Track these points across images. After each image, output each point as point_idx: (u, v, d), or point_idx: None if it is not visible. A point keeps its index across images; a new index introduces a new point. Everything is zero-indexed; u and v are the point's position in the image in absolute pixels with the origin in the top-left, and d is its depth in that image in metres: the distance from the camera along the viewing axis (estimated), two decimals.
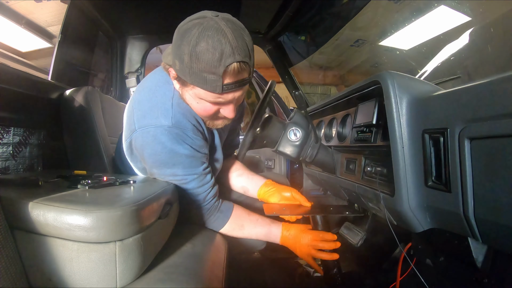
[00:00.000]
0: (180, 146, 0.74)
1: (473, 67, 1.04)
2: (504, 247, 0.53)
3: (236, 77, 0.66)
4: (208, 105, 0.72)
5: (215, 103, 0.72)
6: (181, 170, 0.77)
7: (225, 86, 0.66)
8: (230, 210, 0.90)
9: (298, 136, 0.99)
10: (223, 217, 0.89)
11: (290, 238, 0.92)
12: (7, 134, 0.86)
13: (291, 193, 1.01)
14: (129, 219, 0.50)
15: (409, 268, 0.90)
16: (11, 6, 2.46)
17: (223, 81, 0.65)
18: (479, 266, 0.63)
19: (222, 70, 0.62)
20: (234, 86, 0.67)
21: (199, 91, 0.69)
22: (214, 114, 0.76)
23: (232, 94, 0.70)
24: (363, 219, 1.49)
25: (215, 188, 0.87)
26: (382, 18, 2.55)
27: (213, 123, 0.81)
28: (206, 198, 0.84)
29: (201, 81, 0.65)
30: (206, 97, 0.70)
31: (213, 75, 0.63)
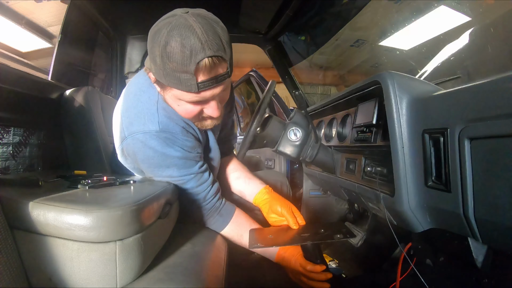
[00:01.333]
0: (171, 148, 0.73)
1: (473, 67, 1.04)
2: (504, 247, 0.53)
3: (210, 73, 0.63)
4: (189, 106, 0.70)
5: (195, 103, 0.69)
6: (176, 171, 0.77)
7: (200, 84, 0.62)
8: (230, 216, 0.89)
9: (298, 136, 0.99)
10: (222, 221, 0.88)
11: (285, 258, 0.88)
12: (7, 134, 0.86)
13: (282, 209, 0.92)
14: (129, 219, 0.50)
15: (409, 268, 0.90)
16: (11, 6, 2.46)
17: (197, 79, 0.62)
18: (479, 266, 0.63)
19: (194, 67, 0.59)
20: (210, 83, 0.64)
21: (176, 92, 0.66)
22: (198, 114, 0.73)
23: (210, 92, 0.66)
24: (363, 219, 1.50)
25: (215, 186, 0.86)
26: (382, 18, 2.55)
27: (202, 124, 0.79)
28: (206, 197, 0.83)
29: (176, 82, 0.63)
30: (185, 98, 0.67)
31: (185, 73, 0.60)
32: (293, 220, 0.91)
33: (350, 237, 0.83)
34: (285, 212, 0.92)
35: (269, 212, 0.97)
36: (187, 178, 0.79)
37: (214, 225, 0.88)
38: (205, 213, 0.85)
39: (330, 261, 1.35)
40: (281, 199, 0.97)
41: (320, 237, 0.83)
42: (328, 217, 1.67)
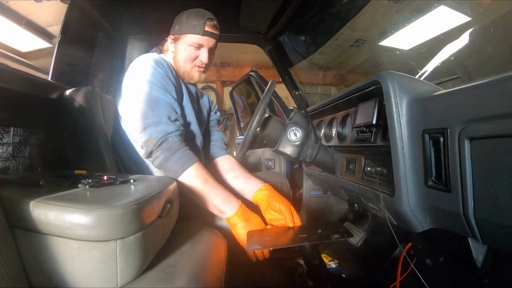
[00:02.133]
0: (160, 69, 0.94)
1: (473, 67, 1.04)
2: (504, 247, 0.53)
3: (211, 28, 1.02)
4: (191, 50, 1.03)
5: (196, 47, 1.03)
6: (156, 91, 0.91)
7: (205, 31, 1.01)
8: (196, 157, 0.90)
9: (298, 136, 0.99)
10: (190, 157, 0.87)
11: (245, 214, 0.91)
12: (7, 134, 0.86)
13: (280, 206, 0.95)
14: (130, 218, 0.50)
15: (409, 268, 0.91)
16: (11, 6, 2.46)
17: (204, 27, 1.01)
18: (479, 266, 0.64)
19: (204, 21, 1.01)
20: (210, 34, 1.02)
21: (188, 37, 1.02)
22: (194, 59, 1.05)
23: (207, 40, 1.03)
24: (363, 219, 1.50)
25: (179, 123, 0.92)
26: (382, 18, 2.56)
27: (190, 75, 1.07)
28: (170, 116, 0.89)
29: (191, 29, 1.01)
30: (192, 40, 1.02)
31: (198, 23, 1.00)
32: (290, 217, 0.93)
33: (348, 237, 0.83)
34: (283, 209, 0.94)
35: (267, 208, 0.98)
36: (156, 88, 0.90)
37: (181, 160, 0.86)
38: (170, 138, 0.87)
39: (330, 261, 1.35)
40: (280, 197, 0.99)
41: (317, 237, 0.83)
42: (328, 217, 1.67)
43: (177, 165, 0.86)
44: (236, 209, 0.89)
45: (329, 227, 0.89)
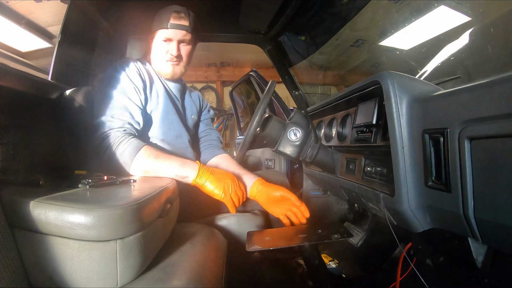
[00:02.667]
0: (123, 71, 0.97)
1: (473, 67, 1.04)
2: (504, 247, 0.53)
3: (178, 20, 1.02)
4: (163, 44, 1.04)
5: (165, 40, 1.03)
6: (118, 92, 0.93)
7: (170, 23, 1.01)
8: (142, 143, 0.89)
9: (298, 136, 0.99)
10: (135, 145, 0.87)
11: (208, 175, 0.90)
12: (7, 134, 0.86)
13: (280, 192, 0.96)
14: (130, 218, 0.50)
15: (409, 268, 0.91)
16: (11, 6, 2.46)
17: (169, 20, 1.01)
18: (479, 266, 0.64)
19: (169, 14, 1.02)
20: (175, 26, 1.01)
21: (159, 33, 1.04)
22: (165, 52, 1.05)
23: (175, 32, 1.02)
24: (363, 219, 1.50)
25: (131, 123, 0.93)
26: (382, 18, 2.55)
27: (164, 70, 1.07)
28: (114, 114, 0.89)
29: (159, 24, 1.03)
30: (162, 35, 1.03)
31: (165, 17, 1.02)
32: (295, 197, 0.96)
33: (347, 237, 0.83)
34: (285, 193, 0.96)
35: (269, 202, 0.98)
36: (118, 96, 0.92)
37: (129, 148, 0.85)
38: (118, 133, 0.87)
39: (330, 261, 1.35)
40: (275, 186, 0.99)
41: (317, 237, 0.83)
42: (328, 217, 1.67)
43: (125, 157, 0.85)
44: (197, 168, 0.88)
45: (329, 227, 0.88)
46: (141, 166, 0.85)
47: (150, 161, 0.85)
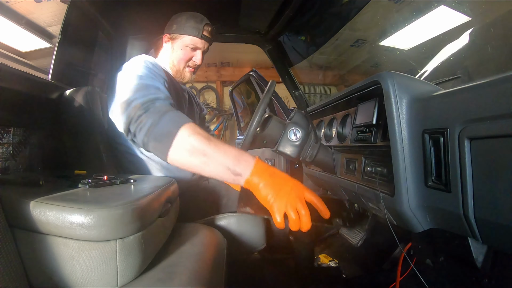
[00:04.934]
0: (148, 71, 0.90)
1: (473, 67, 1.04)
2: (504, 247, 0.53)
3: (208, 32, 1.09)
4: (188, 51, 1.09)
5: (192, 48, 1.09)
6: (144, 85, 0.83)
7: (203, 35, 1.08)
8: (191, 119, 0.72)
9: (298, 136, 0.99)
10: (184, 117, 0.71)
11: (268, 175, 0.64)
12: (7, 134, 0.86)
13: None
14: (129, 218, 0.50)
15: (409, 268, 0.91)
16: (11, 6, 2.46)
17: (203, 32, 1.08)
18: (479, 266, 0.64)
19: (203, 25, 1.08)
20: (206, 38, 1.09)
21: (186, 38, 1.08)
22: (188, 60, 1.11)
23: (203, 43, 1.10)
24: (363, 219, 1.50)
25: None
26: (382, 18, 2.55)
27: (182, 74, 1.13)
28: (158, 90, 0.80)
29: (189, 30, 1.07)
30: (189, 41, 1.08)
31: (197, 26, 1.07)
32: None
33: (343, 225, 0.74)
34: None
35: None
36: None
37: (170, 122, 0.69)
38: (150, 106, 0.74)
39: (330, 261, 1.35)
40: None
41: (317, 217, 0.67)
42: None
43: (170, 125, 0.68)
44: (253, 164, 0.64)
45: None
46: (187, 142, 0.66)
47: (199, 140, 0.65)
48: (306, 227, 0.60)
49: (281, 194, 0.61)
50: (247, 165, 0.64)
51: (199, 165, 0.65)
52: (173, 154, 0.66)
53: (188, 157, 0.66)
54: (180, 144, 0.66)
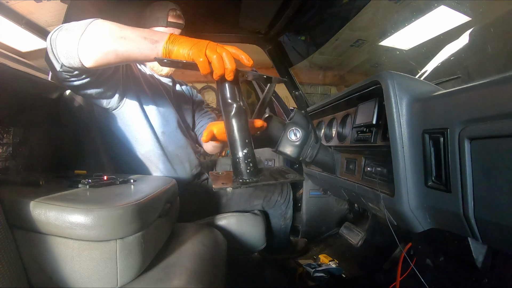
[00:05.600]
0: None
1: (473, 67, 1.04)
2: (504, 247, 0.53)
3: (175, 19, 1.02)
4: None
5: None
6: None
7: (169, 22, 1.01)
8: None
9: (298, 136, 0.99)
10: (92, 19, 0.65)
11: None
12: (7, 134, 0.86)
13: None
14: (129, 218, 0.50)
15: (409, 268, 0.91)
16: (11, 6, 2.46)
17: (167, 19, 1.01)
18: (479, 266, 0.64)
19: (167, 12, 1.01)
20: (174, 24, 1.02)
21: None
22: None
23: (173, 31, 1.02)
24: (363, 219, 1.50)
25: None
26: (382, 18, 2.55)
27: (159, 67, 1.09)
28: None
29: (154, 21, 1.02)
30: None
31: (161, 14, 1.01)
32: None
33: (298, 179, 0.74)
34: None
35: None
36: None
37: (79, 23, 0.64)
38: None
39: (330, 261, 1.35)
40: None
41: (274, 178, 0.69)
42: (328, 217, 1.67)
43: (81, 23, 0.64)
44: (168, 34, 0.63)
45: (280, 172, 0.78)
46: (102, 27, 0.63)
47: (115, 24, 0.64)
48: (231, 65, 0.58)
49: (199, 44, 0.59)
50: (163, 35, 0.63)
51: (115, 44, 0.62)
52: (86, 39, 0.62)
53: (103, 38, 0.62)
54: (94, 28, 0.63)
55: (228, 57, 0.58)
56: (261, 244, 1.04)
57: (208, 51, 0.57)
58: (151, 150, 1.01)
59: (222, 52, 0.58)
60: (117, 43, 0.62)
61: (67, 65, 0.65)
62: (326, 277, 1.24)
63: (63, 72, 0.68)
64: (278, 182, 0.69)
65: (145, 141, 1.00)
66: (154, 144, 1.01)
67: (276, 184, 0.78)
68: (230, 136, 0.63)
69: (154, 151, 1.01)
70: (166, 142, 1.04)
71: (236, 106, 0.63)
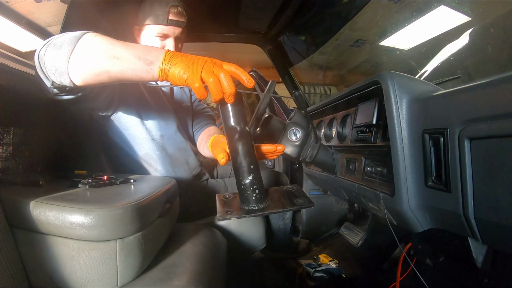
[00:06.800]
0: None
1: (473, 67, 1.04)
2: (504, 247, 0.53)
3: (176, 16, 0.96)
4: (157, 40, 0.98)
5: (161, 36, 0.98)
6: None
7: (169, 20, 0.95)
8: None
9: (298, 136, 0.99)
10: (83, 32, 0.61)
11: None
12: (7, 134, 0.86)
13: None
14: (129, 218, 0.50)
15: (409, 268, 0.91)
16: (11, 6, 2.46)
17: (168, 16, 0.95)
18: (479, 266, 0.64)
19: (167, 9, 0.95)
20: (175, 23, 0.96)
21: (152, 28, 0.97)
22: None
23: (173, 29, 0.97)
24: (363, 219, 1.50)
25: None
26: (382, 18, 2.55)
27: None
28: None
29: (154, 19, 0.96)
30: (156, 31, 0.97)
31: (161, 11, 0.95)
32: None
33: (308, 206, 0.65)
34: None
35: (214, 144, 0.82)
36: None
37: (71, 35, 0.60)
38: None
39: (330, 261, 1.35)
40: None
41: (283, 205, 0.65)
42: (328, 217, 1.67)
43: (75, 34, 0.60)
44: (164, 52, 0.57)
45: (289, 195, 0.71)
46: (93, 43, 0.59)
47: (107, 39, 0.60)
48: (230, 89, 0.52)
49: (194, 65, 0.53)
50: (158, 53, 0.57)
51: (108, 63, 0.57)
52: (76, 57, 0.57)
53: (95, 57, 0.57)
54: (84, 45, 0.58)
55: (226, 79, 0.52)
56: (261, 244, 1.04)
57: (204, 73, 0.52)
58: (150, 153, 1.00)
59: (220, 74, 0.52)
60: (109, 63, 0.57)
61: (58, 82, 0.62)
62: (326, 277, 1.24)
63: (54, 88, 0.66)
64: (285, 210, 0.64)
65: (143, 144, 0.99)
66: (152, 147, 1.00)
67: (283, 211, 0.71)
68: (235, 161, 0.60)
69: (153, 154, 1.01)
70: (165, 145, 1.03)
71: (240, 130, 0.58)
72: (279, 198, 0.66)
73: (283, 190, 0.71)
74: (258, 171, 0.61)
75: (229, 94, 0.53)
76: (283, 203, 0.63)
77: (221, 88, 0.52)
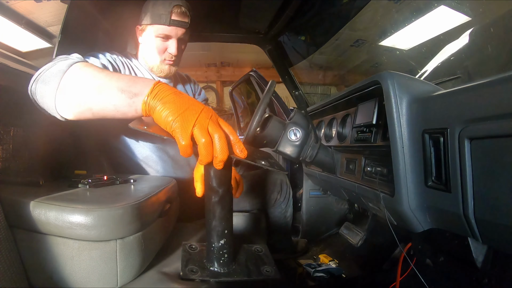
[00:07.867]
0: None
1: (473, 67, 1.04)
2: (504, 247, 0.53)
3: (179, 16, 0.93)
4: (159, 41, 0.95)
5: (163, 37, 0.95)
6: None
7: (172, 20, 0.92)
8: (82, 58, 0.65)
9: (298, 136, 0.99)
10: (74, 59, 0.61)
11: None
12: (7, 134, 0.86)
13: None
14: (129, 218, 0.50)
15: (409, 268, 0.91)
16: (11, 6, 2.46)
17: (171, 17, 0.92)
18: (479, 266, 0.64)
19: (170, 9, 0.91)
20: (178, 23, 0.93)
21: (154, 28, 0.94)
22: (163, 51, 0.97)
23: (176, 30, 0.94)
24: (363, 219, 1.50)
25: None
26: (382, 18, 2.55)
27: (159, 68, 0.99)
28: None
29: (156, 18, 0.93)
30: (159, 31, 0.94)
31: (164, 11, 0.92)
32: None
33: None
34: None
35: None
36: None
37: (60, 65, 0.59)
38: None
39: (330, 261, 1.35)
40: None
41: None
42: (328, 217, 1.67)
43: (63, 66, 0.58)
44: (152, 83, 0.51)
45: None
46: (77, 76, 0.56)
47: (92, 70, 0.57)
48: (222, 154, 0.44)
49: (186, 113, 0.45)
50: (145, 84, 0.51)
51: (89, 100, 0.54)
52: (61, 94, 0.56)
53: (77, 93, 0.55)
54: (69, 80, 0.56)
55: (221, 143, 0.44)
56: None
57: (196, 130, 0.44)
58: (150, 155, 1.00)
59: (215, 134, 0.45)
60: (90, 99, 0.54)
61: (53, 115, 0.61)
62: (326, 277, 1.24)
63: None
64: (249, 280, 0.58)
65: (144, 146, 0.99)
66: (153, 150, 1.00)
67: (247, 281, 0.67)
68: (209, 223, 0.54)
69: (153, 156, 1.00)
70: (166, 147, 1.03)
71: (222, 194, 0.53)
72: (246, 263, 0.62)
73: (251, 251, 0.66)
74: (231, 235, 0.56)
75: (220, 160, 0.45)
76: (250, 270, 0.59)
77: (212, 152, 0.44)
